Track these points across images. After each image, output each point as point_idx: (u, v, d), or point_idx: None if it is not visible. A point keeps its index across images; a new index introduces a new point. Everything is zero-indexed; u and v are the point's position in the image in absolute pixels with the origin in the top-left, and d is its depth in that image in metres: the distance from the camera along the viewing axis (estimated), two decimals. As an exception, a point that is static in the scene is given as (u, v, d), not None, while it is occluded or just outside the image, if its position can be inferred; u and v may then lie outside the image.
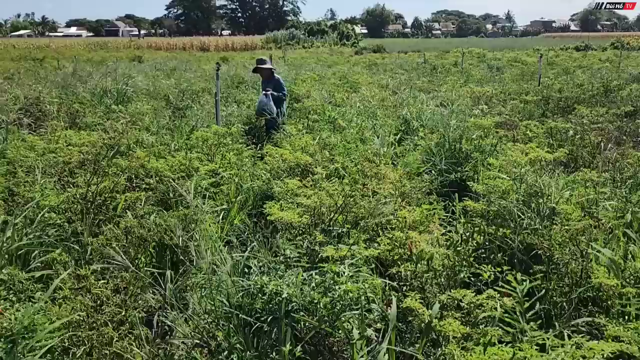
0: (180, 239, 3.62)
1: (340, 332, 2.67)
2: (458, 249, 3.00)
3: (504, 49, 37.31)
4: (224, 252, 3.70)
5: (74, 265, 3.48)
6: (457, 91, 11.77)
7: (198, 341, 2.88)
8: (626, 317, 2.86)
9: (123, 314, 2.86)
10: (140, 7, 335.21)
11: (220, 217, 4.62)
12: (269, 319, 2.59)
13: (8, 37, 77.32)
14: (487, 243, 3.51)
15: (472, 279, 3.05)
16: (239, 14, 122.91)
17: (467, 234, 3.12)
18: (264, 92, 7.82)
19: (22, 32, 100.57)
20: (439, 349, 2.61)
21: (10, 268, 2.98)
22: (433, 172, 5.76)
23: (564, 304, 3.14)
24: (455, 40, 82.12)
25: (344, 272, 2.68)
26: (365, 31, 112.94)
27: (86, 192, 4.33)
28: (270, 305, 2.62)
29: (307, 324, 2.69)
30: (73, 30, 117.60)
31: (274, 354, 2.62)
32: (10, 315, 2.23)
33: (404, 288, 3.03)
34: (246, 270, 3.36)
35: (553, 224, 3.63)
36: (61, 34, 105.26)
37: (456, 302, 2.56)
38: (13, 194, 4.60)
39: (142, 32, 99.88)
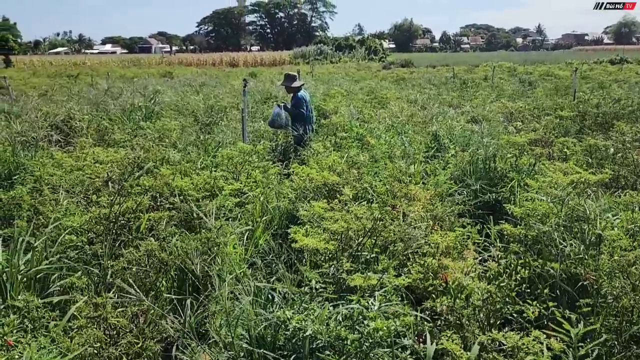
0: (201, 264, 3.48)
1: (369, 371, 2.48)
2: (501, 285, 2.76)
3: (536, 62, 36.60)
4: (247, 275, 3.55)
5: (93, 290, 3.38)
6: (488, 107, 11.47)
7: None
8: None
9: (140, 345, 2.72)
10: (172, 24, 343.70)
11: (245, 237, 4.49)
12: (292, 358, 2.41)
13: (46, 54, 79.97)
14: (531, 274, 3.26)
15: (514, 314, 2.81)
16: (268, 30, 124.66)
17: (511, 266, 2.89)
18: (277, 104, 7.91)
19: (59, 49, 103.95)
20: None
21: (26, 294, 2.88)
22: (465, 192, 5.52)
23: (615, 342, 2.87)
24: (485, 54, 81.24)
25: (373, 306, 2.48)
26: (393, 46, 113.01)
27: (109, 212, 4.25)
28: (294, 341, 2.44)
29: (333, 362, 2.51)
30: (108, 47, 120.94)
31: (297, 393, 2.44)
32: (20, 351, 2.11)
33: (438, 322, 2.81)
34: (270, 296, 3.20)
35: (600, 253, 3.35)
36: (96, 51, 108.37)
37: (497, 343, 2.33)
38: (38, 213, 4.56)
39: (174, 48, 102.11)
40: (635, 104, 10.59)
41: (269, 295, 3.14)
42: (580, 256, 3.43)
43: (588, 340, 2.75)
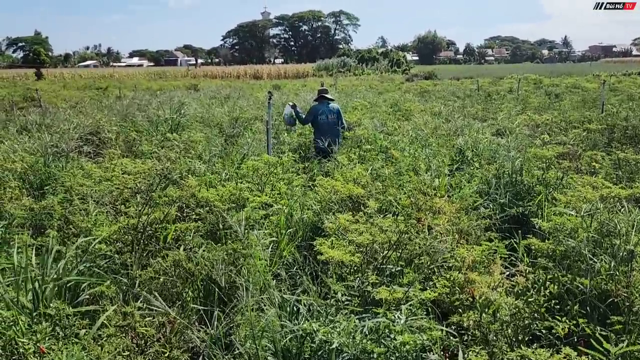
0: (227, 275, 3.51)
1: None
2: (529, 300, 2.72)
3: (562, 74, 36.06)
4: (272, 286, 3.57)
5: (121, 299, 3.43)
6: (514, 119, 11.35)
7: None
8: None
9: (167, 354, 2.75)
10: (198, 37, 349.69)
11: (269, 248, 4.51)
12: (318, 370, 2.42)
13: (76, 67, 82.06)
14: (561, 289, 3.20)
15: (543, 331, 2.76)
16: (292, 43, 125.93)
17: (540, 281, 2.84)
18: (289, 103, 8.62)
19: (88, 62, 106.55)
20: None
21: (58, 302, 2.94)
22: (491, 206, 5.45)
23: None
24: (509, 66, 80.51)
25: (399, 319, 2.47)
26: (417, 58, 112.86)
27: (137, 222, 4.33)
28: (320, 354, 2.44)
29: (359, 375, 2.49)
30: (135, 60, 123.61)
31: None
32: (52, 357, 2.16)
33: (465, 337, 2.78)
34: (295, 308, 3.21)
35: (632, 269, 3.28)
36: (124, 64, 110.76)
37: (526, 360, 2.29)
38: (68, 222, 4.67)
39: (199, 61, 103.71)
40: (666, 116, 10.35)
41: (294, 307, 3.14)
42: (611, 272, 3.35)
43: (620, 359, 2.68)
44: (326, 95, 8.30)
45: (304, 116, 8.29)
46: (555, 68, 55.21)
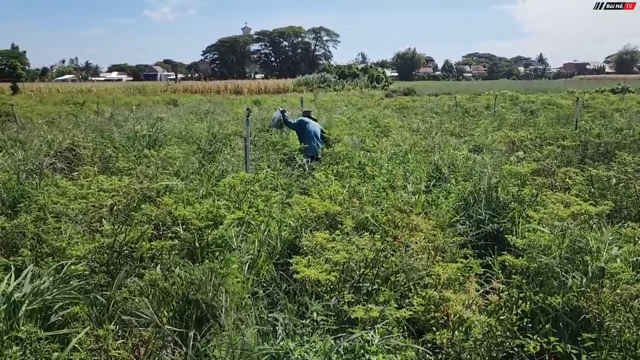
0: (203, 295, 3.48)
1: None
2: (501, 318, 2.76)
3: (537, 91, 36.88)
4: (250, 305, 3.55)
5: (95, 320, 3.38)
6: (490, 136, 11.55)
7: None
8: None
9: (140, 377, 2.71)
10: (178, 52, 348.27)
11: (246, 266, 4.49)
12: (293, 391, 2.41)
13: (53, 81, 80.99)
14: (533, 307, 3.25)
15: (515, 348, 2.80)
16: (272, 58, 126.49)
17: (512, 300, 2.88)
18: (279, 108, 10.37)
19: (66, 76, 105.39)
20: None
21: (29, 325, 2.89)
22: (467, 222, 5.52)
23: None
24: (487, 82, 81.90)
25: (374, 340, 2.48)
26: (396, 74, 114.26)
27: (113, 241, 4.27)
28: (295, 375, 2.43)
29: (334, 396, 2.49)
30: (114, 74, 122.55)
31: None
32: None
33: (439, 356, 2.80)
34: (272, 327, 3.19)
35: (602, 286, 3.35)
36: (103, 78, 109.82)
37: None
38: (42, 241, 4.59)
39: (179, 76, 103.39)
40: (637, 133, 10.64)
41: (272, 327, 3.13)
42: (582, 289, 3.42)
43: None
44: (310, 115, 9.96)
45: (291, 121, 9.82)
46: (531, 85, 56.42)
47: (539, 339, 2.64)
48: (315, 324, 2.96)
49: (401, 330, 3.10)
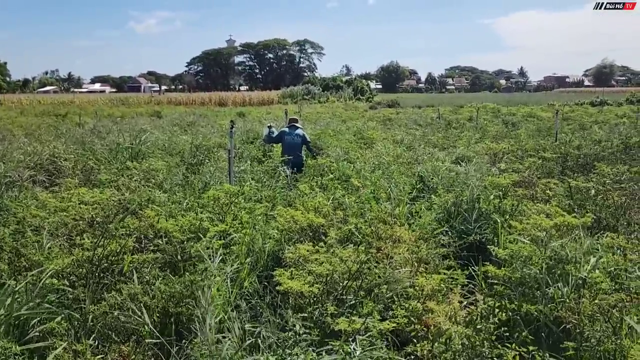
0: (185, 308, 3.44)
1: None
2: (478, 327, 2.78)
3: (518, 103, 37.44)
4: (232, 318, 3.52)
5: (73, 335, 3.31)
6: (472, 147, 11.67)
7: None
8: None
9: (119, 393, 2.66)
10: (162, 64, 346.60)
11: (228, 279, 4.45)
12: (274, 405, 2.38)
13: (35, 93, 80.00)
14: (511, 316, 3.27)
15: (495, 358, 2.81)
16: (257, 70, 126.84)
17: (489, 309, 2.90)
18: (268, 125, 10.85)
19: (48, 88, 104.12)
20: None
21: (4, 340, 2.82)
22: (450, 233, 5.56)
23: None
24: (469, 95, 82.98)
25: (355, 353, 2.47)
26: (380, 86, 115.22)
27: (92, 255, 4.21)
28: (277, 389, 2.41)
29: (316, 409, 2.47)
30: (97, 86, 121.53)
31: None
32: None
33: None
34: (254, 341, 3.17)
35: (581, 296, 3.38)
36: (85, 89, 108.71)
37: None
38: (20, 255, 4.50)
39: (163, 87, 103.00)
40: (615, 145, 10.85)
41: (254, 340, 3.11)
42: (563, 299, 3.45)
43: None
44: (295, 124, 10.02)
45: (273, 135, 10.07)
46: (512, 97, 57.24)
47: (517, 347, 2.66)
48: (297, 336, 2.94)
49: (385, 342, 3.09)
